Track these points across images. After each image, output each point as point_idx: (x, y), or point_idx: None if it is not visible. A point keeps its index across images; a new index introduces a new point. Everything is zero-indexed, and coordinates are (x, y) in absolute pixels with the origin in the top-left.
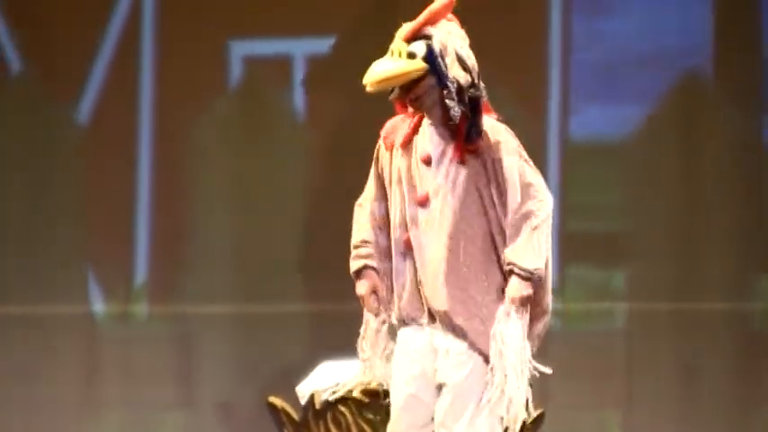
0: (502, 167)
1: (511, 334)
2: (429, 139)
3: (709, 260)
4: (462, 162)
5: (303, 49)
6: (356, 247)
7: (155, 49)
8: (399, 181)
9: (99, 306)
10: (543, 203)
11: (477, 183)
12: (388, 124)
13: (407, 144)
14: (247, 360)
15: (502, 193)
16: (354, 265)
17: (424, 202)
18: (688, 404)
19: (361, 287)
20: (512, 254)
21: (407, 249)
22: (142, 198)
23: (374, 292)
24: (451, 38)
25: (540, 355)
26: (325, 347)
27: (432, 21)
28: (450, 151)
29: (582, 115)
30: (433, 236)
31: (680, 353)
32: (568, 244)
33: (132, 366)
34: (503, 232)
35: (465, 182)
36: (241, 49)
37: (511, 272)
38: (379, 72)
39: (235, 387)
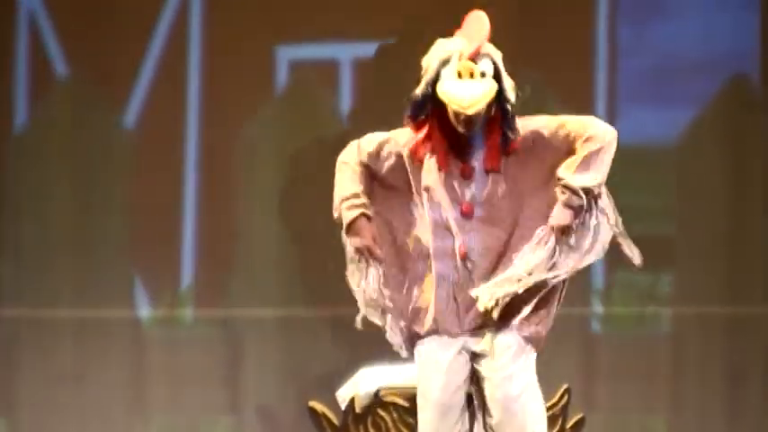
0: (557, 134)
1: (533, 258)
2: (466, 151)
3: (756, 264)
4: (499, 170)
5: (349, 53)
6: (347, 198)
7: (202, 53)
8: (430, 193)
9: (145, 310)
10: (605, 130)
11: (529, 178)
12: (410, 137)
13: (446, 160)
14: (293, 363)
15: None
16: (350, 214)
17: (468, 213)
18: (735, 408)
19: (363, 237)
20: (563, 169)
21: (462, 259)
22: (188, 201)
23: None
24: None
25: (586, 359)
26: (368, 352)
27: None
28: (488, 160)
29: (628, 119)
30: (483, 244)
31: (727, 356)
32: (615, 247)
33: (178, 370)
34: None
35: (511, 186)
36: (287, 54)
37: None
38: (476, 96)
39: (279, 391)
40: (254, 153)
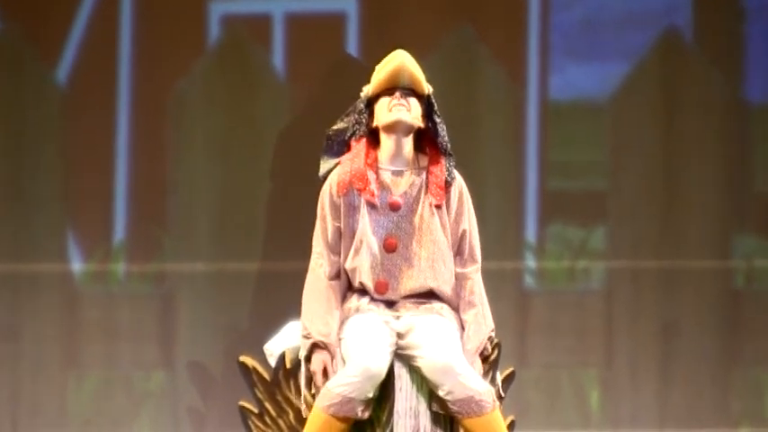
0: (462, 212)
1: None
2: (398, 184)
3: (691, 218)
4: (432, 206)
5: (282, 7)
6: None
7: (134, 6)
8: (358, 223)
9: (78, 264)
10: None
11: (441, 219)
12: (335, 178)
13: (366, 188)
14: (225, 318)
15: (450, 219)
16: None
17: (392, 248)
18: (667, 362)
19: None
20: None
21: (380, 292)
22: (121, 156)
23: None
24: None
25: (519, 312)
26: (298, 306)
27: None
28: (421, 196)
29: (561, 73)
30: (407, 272)
31: (661, 311)
32: (548, 202)
33: (111, 324)
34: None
35: (434, 223)
36: (220, 8)
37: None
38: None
39: (211, 345)
40: (186, 108)
